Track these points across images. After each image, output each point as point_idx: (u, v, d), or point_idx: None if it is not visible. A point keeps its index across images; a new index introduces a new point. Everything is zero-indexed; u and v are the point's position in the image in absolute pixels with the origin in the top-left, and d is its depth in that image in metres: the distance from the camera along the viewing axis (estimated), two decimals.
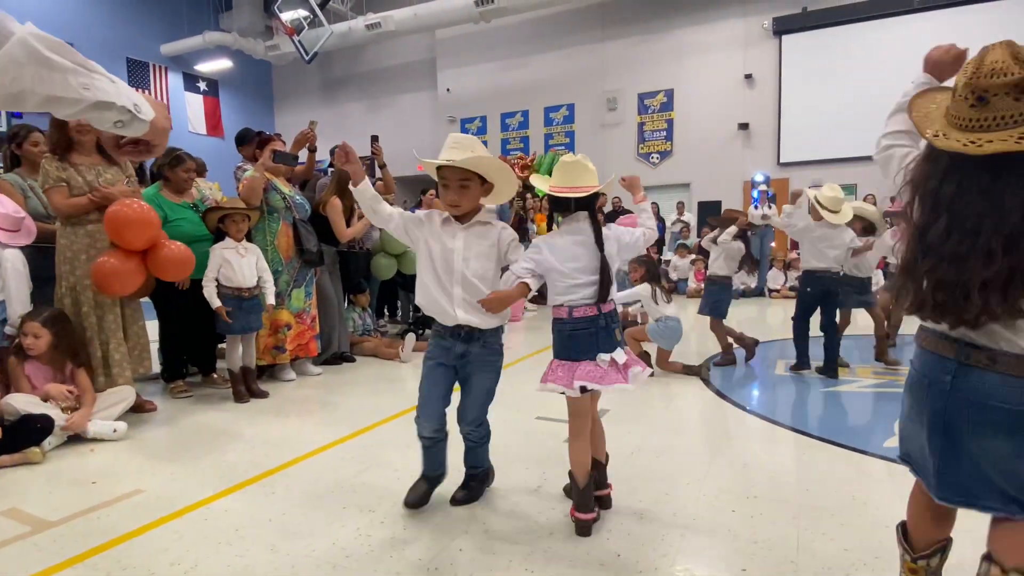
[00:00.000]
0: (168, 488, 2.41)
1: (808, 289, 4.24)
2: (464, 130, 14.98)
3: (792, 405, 3.68)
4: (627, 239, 2.12)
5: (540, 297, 8.04)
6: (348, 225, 4.61)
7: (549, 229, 2.08)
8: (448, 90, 14.95)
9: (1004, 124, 1.13)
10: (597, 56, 13.22)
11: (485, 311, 2.00)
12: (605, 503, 2.14)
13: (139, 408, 3.41)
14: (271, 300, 3.79)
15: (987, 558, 1.26)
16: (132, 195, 3.25)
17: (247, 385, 3.74)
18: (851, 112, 10.71)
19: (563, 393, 1.99)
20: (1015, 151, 1.10)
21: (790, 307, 6.54)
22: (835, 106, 10.92)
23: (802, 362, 4.31)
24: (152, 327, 3.73)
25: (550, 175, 2.12)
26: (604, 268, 1.98)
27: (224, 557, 1.88)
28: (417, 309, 6.36)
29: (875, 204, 4.52)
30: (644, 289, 4.24)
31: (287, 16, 13.49)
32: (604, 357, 1.96)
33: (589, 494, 2.00)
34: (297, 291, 4.14)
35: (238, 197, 3.98)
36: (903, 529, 1.49)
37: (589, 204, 2.05)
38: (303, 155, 4.67)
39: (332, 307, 4.67)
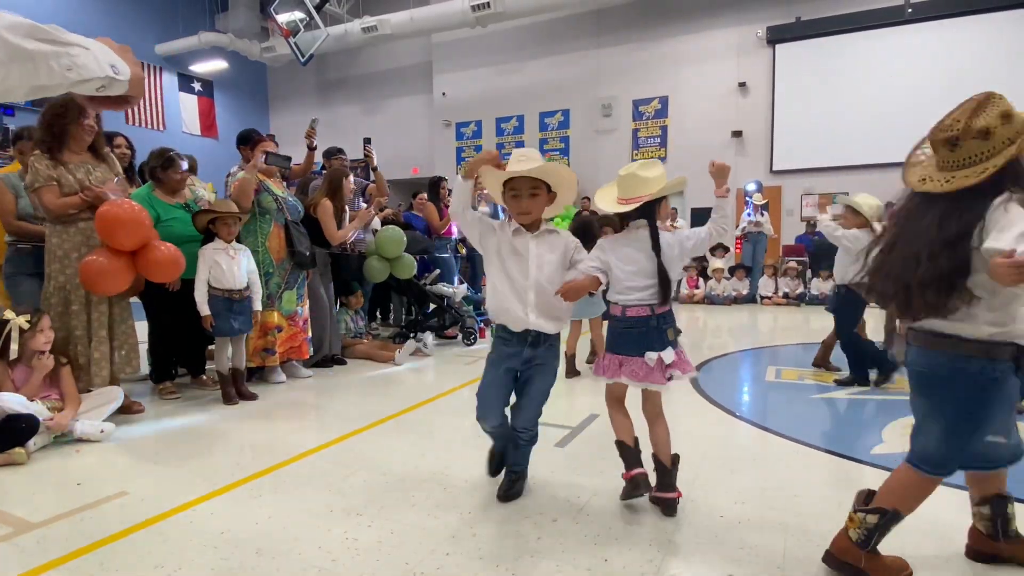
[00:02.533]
0: (154, 490, 2.39)
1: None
2: (459, 135, 15.02)
3: (781, 411, 3.69)
4: (690, 244, 2.18)
5: None
6: (339, 227, 4.60)
7: None
8: (444, 94, 14.97)
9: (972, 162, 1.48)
10: (592, 62, 13.28)
11: (559, 302, 2.16)
12: (667, 508, 2.16)
13: (126, 409, 3.38)
14: (258, 306, 3.77)
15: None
16: (122, 194, 3.23)
17: (236, 387, 3.72)
18: (843, 121, 10.81)
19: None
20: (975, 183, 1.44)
21: (781, 314, 6.58)
22: (827, 115, 11.02)
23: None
24: (141, 328, 3.71)
25: None
26: (661, 273, 2.10)
27: (209, 560, 1.87)
28: (411, 312, 6.36)
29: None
30: None
31: (283, 18, 13.47)
32: (652, 355, 2.09)
33: (628, 455, 2.21)
34: (288, 293, 4.13)
35: (228, 199, 3.96)
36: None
37: (647, 212, 2.14)
38: (301, 154, 4.67)
39: (323, 309, 4.66)
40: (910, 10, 10.47)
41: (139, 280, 3.42)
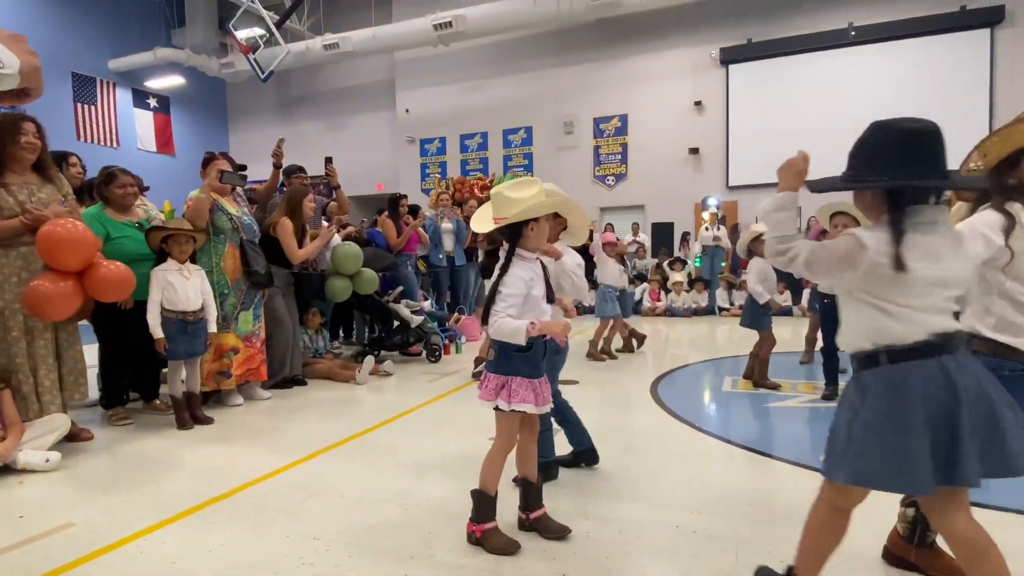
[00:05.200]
0: (102, 520, 2.31)
1: None
2: (424, 151, 15.05)
3: (738, 421, 3.78)
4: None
5: None
6: (300, 246, 4.55)
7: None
8: (407, 111, 15.01)
9: None
10: (553, 81, 13.53)
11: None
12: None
13: (74, 437, 3.26)
14: (213, 328, 3.69)
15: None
16: (68, 215, 3.13)
17: (191, 411, 3.63)
18: (794, 137, 11.18)
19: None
20: None
21: (738, 325, 6.73)
22: (779, 132, 11.43)
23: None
24: (91, 351, 3.59)
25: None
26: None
27: None
28: (373, 330, 6.31)
29: None
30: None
31: (242, 34, 13.34)
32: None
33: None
34: (245, 314, 4.05)
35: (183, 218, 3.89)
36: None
37: (513, 234, 2.04)
38: (266, 172, 4.63)
39: (286, 330, 4.57)
40: (853, 33, 11.02)
41: (88, 303, 3.32)
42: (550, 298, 2.12)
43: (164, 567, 1.95)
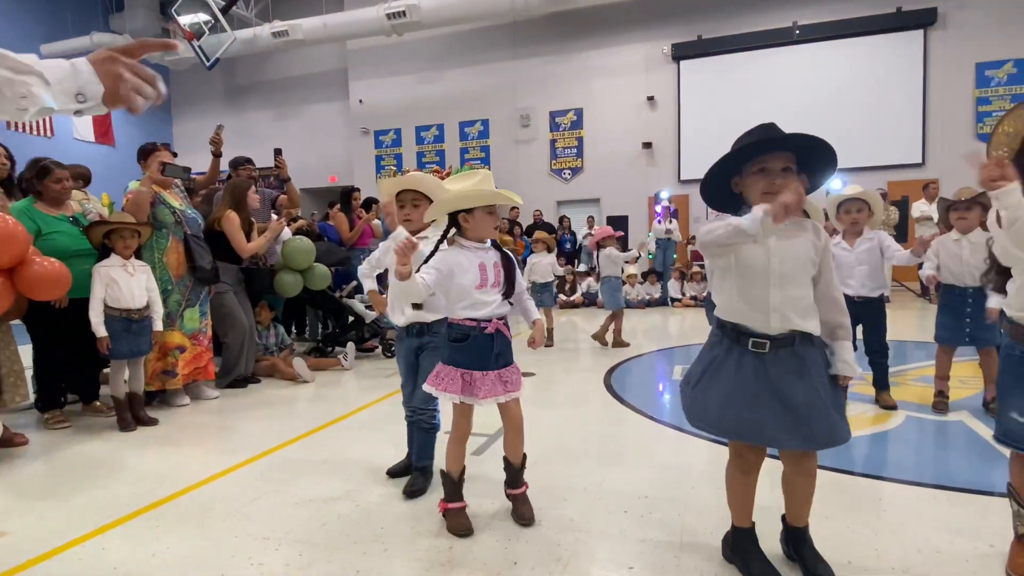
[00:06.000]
0: (37, 529, 2.22)
1: None
2: (379, 143, 14.82)
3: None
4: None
5: None
6: (248, 239, 4.43)
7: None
8: (361, 101, 14.73)
9: None
10: (509, 74, 13.51)
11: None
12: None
13: (7, 442, 3.12)
14: (158, 326, 3.57)
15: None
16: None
17: (133, 412, 3.51)
18: (742, 131, 11.56)
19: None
20: None
21: (689, 315, 6.91)
22: (728, 127, 11.56)
23: None
24: (26, 351, 3.42)
25: None
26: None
27: None
28: (326, 326, 6.22)
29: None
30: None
31: (186, 20, 12.80)
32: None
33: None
34: (191, 311, 3.94)
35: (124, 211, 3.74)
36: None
37: (450, 224, 2.11)
38: (207, 162, 4.48)
39: (240, 328, 4.44)
40: (797, 32, 11.40)
41: (21, 301, 3.17)
42: (507, 292, 2.13)
43: (106, 573, 1.90)
